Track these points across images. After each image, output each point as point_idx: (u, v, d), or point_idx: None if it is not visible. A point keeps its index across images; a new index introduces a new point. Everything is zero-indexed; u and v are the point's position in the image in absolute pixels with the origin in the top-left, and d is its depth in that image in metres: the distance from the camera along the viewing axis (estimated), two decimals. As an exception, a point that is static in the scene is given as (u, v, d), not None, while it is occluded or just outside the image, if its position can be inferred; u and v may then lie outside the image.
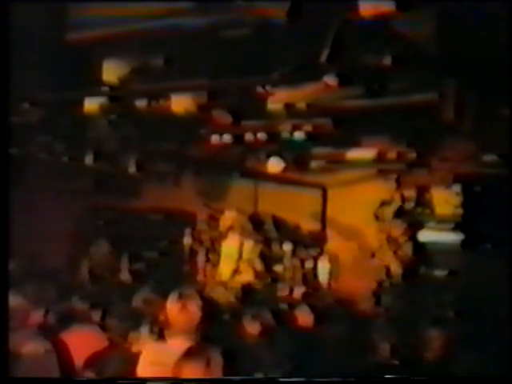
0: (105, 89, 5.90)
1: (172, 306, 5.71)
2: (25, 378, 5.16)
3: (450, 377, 4.99)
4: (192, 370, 5.13)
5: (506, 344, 4.86)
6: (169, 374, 5.19)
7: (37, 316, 5.99)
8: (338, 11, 4.79)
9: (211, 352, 5.19)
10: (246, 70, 5.33)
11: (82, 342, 5.81)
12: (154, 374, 5.29)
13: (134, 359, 5.49)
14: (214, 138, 6.11)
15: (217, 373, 5.13)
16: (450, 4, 4.65)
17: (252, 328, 5.65)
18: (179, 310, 5.66)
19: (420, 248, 5.86)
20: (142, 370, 5.38)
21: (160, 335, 5.61)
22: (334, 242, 6.19)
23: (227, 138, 6.08)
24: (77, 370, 5.60)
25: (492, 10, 4.48)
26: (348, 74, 5.18)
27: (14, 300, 5.98)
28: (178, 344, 5.43)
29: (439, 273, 5.70)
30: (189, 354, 5.26)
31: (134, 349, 5.59)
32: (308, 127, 5.78)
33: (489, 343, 5.03)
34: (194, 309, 5.68)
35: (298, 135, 5.73)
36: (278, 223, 6.37)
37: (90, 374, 5.52)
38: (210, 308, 5.74)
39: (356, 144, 5.93)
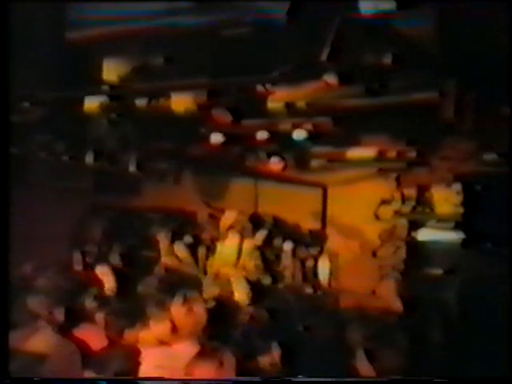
0: (105, 88, 5.91)
1: (177, 309, 5.72)
2: (25, 378, 5.18)
3: (450, 377, 4.99)
4: (204, 372, 5.14)
5: (506, 344, 4.86)
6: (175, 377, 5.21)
7: (48, 315, 6.03)
8: (338, 10, 4.80)
9: (223, 353, 5.20)
10: (246, 69, 5.34)
11: (85, 340, 5.84)
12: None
13: (134, 357, 5.52)
14: (214, 137, 6.12)
15: (230, 373, 5.13)
16: (450, 3, 4.66)
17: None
18: (185, 314, 5.67)
19: (420, 247, 5.85)
20: (147, 373, 5.40)
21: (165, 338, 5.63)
22: (334, 241, 6.18)
23: (227, 136, 6.10)
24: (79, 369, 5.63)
25: (492, 10, 4.49)
26: (348, 73, 5.18)
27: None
28: (184, 348, 5.45)
29: (439, 272, 5.69)
30: (200, 356, 5.27)
31: (137, 347, 5.62)
32: (308, 126, 5.78)
33: (489, 343, 5.03)
34: (200, 312, 5.69)
35: (298, 134, 5.75)
36: (278, 222, 6.36)
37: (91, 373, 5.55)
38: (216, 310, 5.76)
39: (356, 143, 5.92)
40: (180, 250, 6.42)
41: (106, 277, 6.29)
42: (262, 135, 5.88)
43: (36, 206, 6.48)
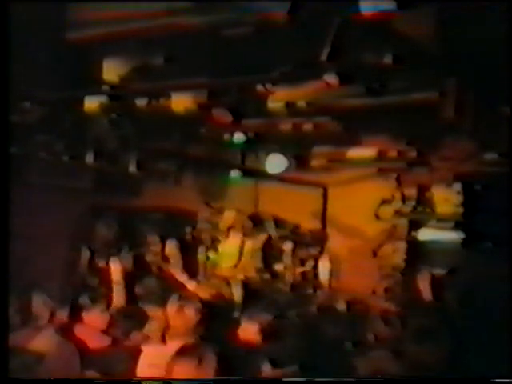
0: (105, 88, 5.91)
1: (170, 308, 5.76)
2: (25, 378, 5.19)
3: (450, 377, 4.99)
4: (184, 369, 5.16)
5: (506, 343, 4.86)
6: (164, 375, 5.24)
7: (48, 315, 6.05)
8: (338, 10, 4.80)
9: (205, 351, 5.23)
10: (246, 69, 5.34)
11: (85, 340, 5.85)
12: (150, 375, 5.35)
13: (135, 357, 5.54)
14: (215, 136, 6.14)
15: (209, 371, 5.15)
16: (449, 3, 4.65)
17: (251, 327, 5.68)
18: (176, 313, 5.71)
19: (421, 247, 5.86)
20: (141, 372, 5.42)
21: (160, 337, 5.66)
22: (334, 241, 6.19)
23: (227, 136, 6.12)
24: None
25: (492, 9, 4.49)
26: (348, 73, 5.18)
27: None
28: (174, 346, 5.48)
29: (440, 271, 5.70)
30: (181, 353, 5.30)
31: (137, 347, 5.64)
32: (308, 126, 5.78)
33: (489, 342, 5.04)
34: (191, 311, 5.72)
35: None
36: (279, 222, 6.36)
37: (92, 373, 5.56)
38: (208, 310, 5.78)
39: (356, 143, 5.93)
40: (170, 249, 6.45)
41: (115, 270, 6.32)
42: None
43: (36, 205, 6.49)
